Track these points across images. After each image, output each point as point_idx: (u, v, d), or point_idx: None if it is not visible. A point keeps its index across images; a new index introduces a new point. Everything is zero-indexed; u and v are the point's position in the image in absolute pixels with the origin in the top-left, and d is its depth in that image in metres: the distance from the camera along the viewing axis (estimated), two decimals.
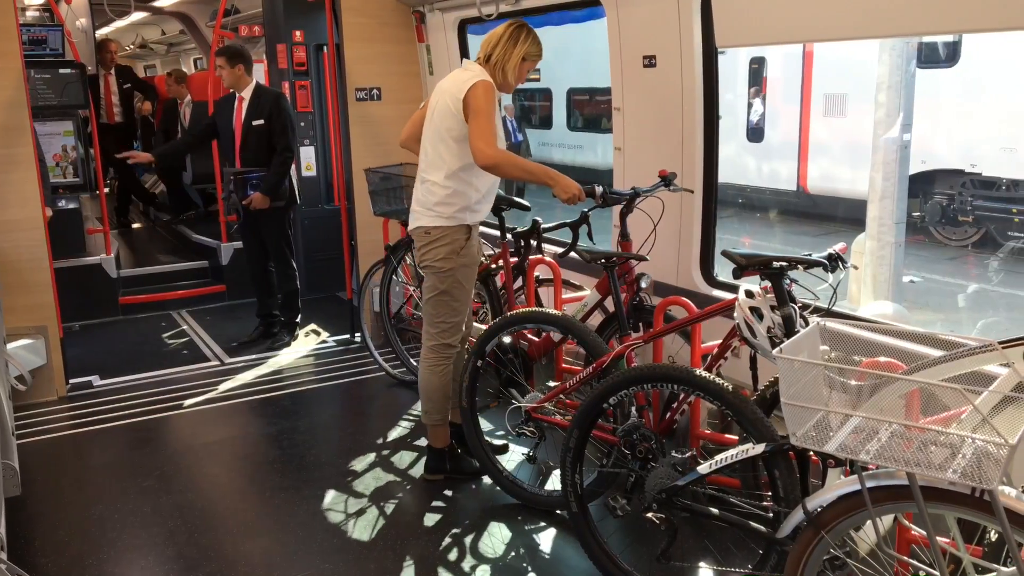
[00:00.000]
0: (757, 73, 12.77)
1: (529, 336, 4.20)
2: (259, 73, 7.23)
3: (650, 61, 4.33)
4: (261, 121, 5.79)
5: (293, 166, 6.16)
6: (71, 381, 5.39)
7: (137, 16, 12.47)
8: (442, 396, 3.95)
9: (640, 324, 3.92)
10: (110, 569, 3.38)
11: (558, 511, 3.72)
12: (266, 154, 5.82)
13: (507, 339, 4.00)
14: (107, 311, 6.86)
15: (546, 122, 16.68)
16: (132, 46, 16.43)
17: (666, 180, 4.07)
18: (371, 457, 4.37)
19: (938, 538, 2.09)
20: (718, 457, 2.74)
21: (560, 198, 3.59)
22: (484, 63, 3.70)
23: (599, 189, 3.79)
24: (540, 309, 3.92)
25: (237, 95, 5.88)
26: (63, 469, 4.32)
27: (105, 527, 3.69)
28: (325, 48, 7.05)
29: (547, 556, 3.45)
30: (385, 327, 5.43)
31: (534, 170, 3.64)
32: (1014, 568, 2.02)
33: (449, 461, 4.08)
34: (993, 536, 2.29)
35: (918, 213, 10.73)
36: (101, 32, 11.76)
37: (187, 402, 5.12)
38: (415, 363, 4.93)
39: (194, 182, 9.12)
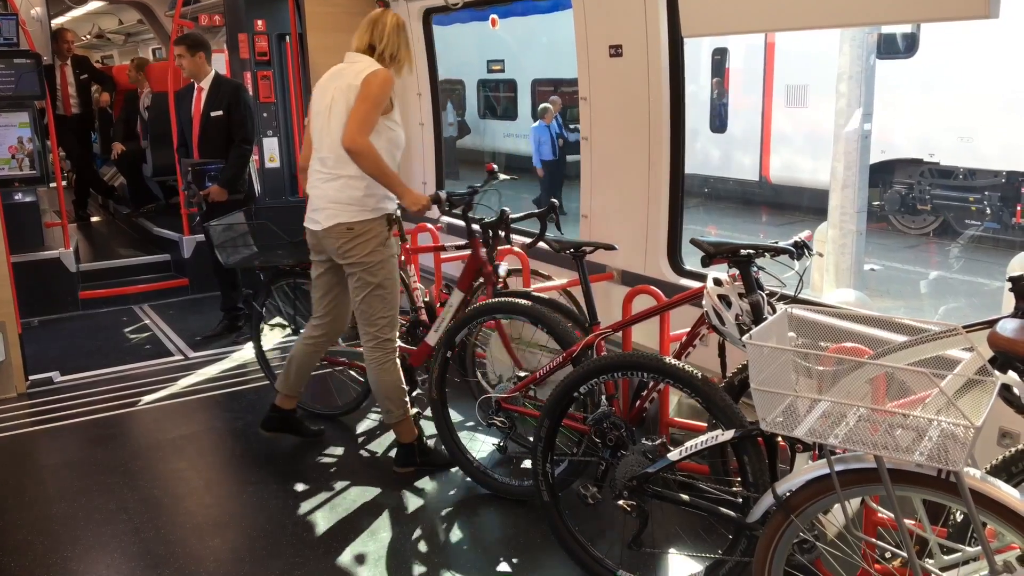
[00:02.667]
0: (720, 64, 12.86)
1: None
2: (220, 63, 7.12)
3: (616, 51, 4.34)
4: (220, 112, 5.71)
5: (254, 158, 6.09)
6: (31, 378, 5.28)
7: (94, 5, 12.21)
8: (398, 392, 3.92)
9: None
10: (75, 567, 3.32)
11: (529, 500, 3.73)
12: (225, 146, 5.75)
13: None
14: (66, 306, 6.74)
15: (510, 113, 16.68)
16: (89, 36, 16.11)
17: (492, 174, 4.42)
18: (340, 450, 4.34)
19: (905, 520, 2.12)
20: (688, 444, 2.76)
21: (410, 209, 3.74)
22: (370, 53, 3.66)
23: (443, 194, 3.92)
24: (509, 299, 3.91)
25: (196, 85, 5.79)
26: (24, 467, 4.24)
27: (69, 525, 3.62)
28: (288, 38, 6.96)
29: (518, 545, 3.45)
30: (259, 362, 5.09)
31: (390, 175, 3.63)
32: (979, 548, 2.05)
33: (419, 454, 4.06)
34: (958, 517, 2.33)
35: (878, 202, 10.91)
36: (57, 21, 11.52)
37: (150, 397, 5.05)
38: None
39: (154, 174, 8.97)
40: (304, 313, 4.74)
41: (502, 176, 4.45)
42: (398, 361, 3.93)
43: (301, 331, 4.36)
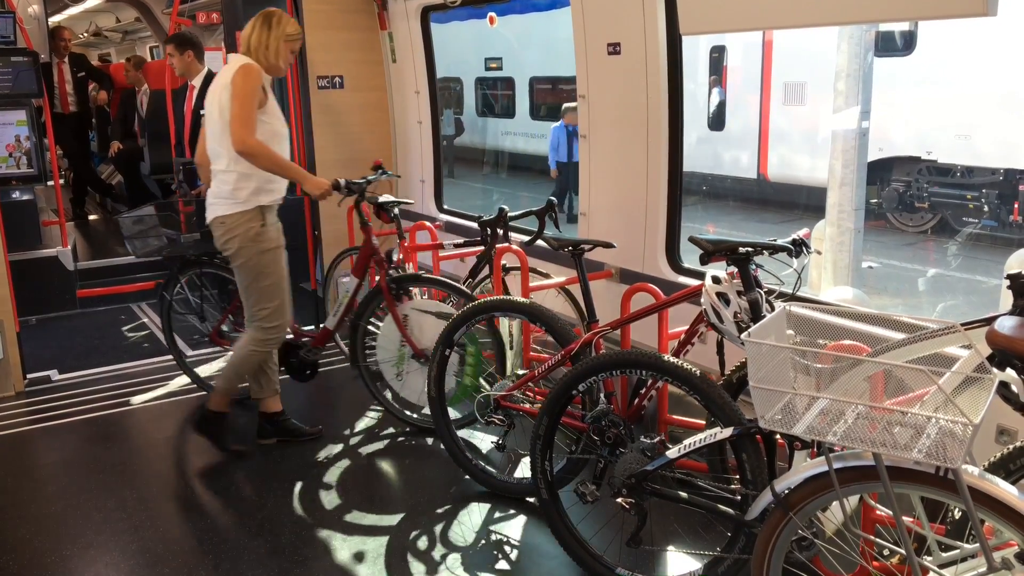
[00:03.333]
0: (718, 62, 12.86)
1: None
2: (218, 61, 7.11)
3: (614, 48, 4.34)
4: None
5: None
6: (29, 376, 5.27)
7: (91, 3, 12.20)
8: (238, 373, 4.16)
9: (401, 294, 4.34)
10: (73, 565, 3.32)
11: (528, 498, 3.73)
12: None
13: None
14: (64, 304, 6.73)
15: (508, 111, 16.66)
16: (86, 34, 16.09)
17: (378, 168, 4.75)
18: (338, 447, 4.34)
19: (903, 517, 2.13)
20: (686, 441, 2.77)
21: (312, 194, 3.93)
22: (246, 53, 3.85)
23: (342, 181, 4.15)
24: (507, 297, 3.91)
25: (189, 84, 5.77)
26: (22, 465, 4.23)
27: (67, 523, 3.62)
28: None
29: (518, 543, 3.46)
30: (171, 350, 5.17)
31: (287, 167, 3.83)
32: (977, 545, 2.06)
33: (279, 425, 4.33)
34: (957, 514, 2.33)
35: (876, 200, 10.91)
36: (54, 19, 11.50)
37: (148, 396, 5.04)
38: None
39: (152, 173, 8.96)
40: (213, 302, 4.97)
41: (390, 172, 4.90)
42: (275, 352, 4.22)
43: (205, 320, 4.84)
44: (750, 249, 2.96)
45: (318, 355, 4.71)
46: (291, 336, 4.60)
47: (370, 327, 4.66)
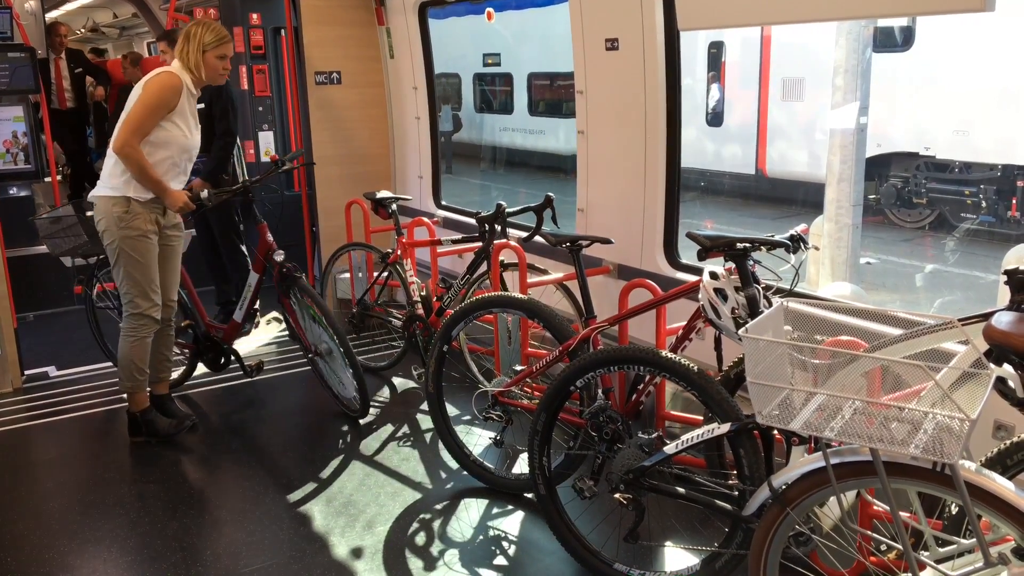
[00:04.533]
0: (716, 58, 12.85)
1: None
2: None
3: (612, 44, 4.33)
4: (201, 106, 5.64)
5: (245, 151, 6.05)
6: (26, 372, 5.28)
7: None
8: (130, 365, 4.23)
9: (290, 291, 4.50)
10: (72, 561, 3.32)
11: (526, 494, 3.73)
12: (208, 139, 5.68)
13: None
14: (62, 301, 6.72)
15: (506, 107, 16.65)
16: (83, 29, 16.06)
17: (276, 164, 4.73)
18: (337, 444, 4.34)
19: (900, 512, 2.13)
20: (684, 437, 2.77)
21: (172, 210, 4.16)
22: (183, 68, 4.07)
23: (204, 193, 4.21)
24: (505, 293, 3.91)
25: None
26: (20, 462, 4.24)
27: (65, 519, 3.62)
28: (283, 31, 6.95)
29: (515, 539, 3.46)
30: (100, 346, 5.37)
31: (149, 179, 4.00)
32: (974, 540, 2.06)
33: (145, 425, 4.35)
34: (954, 509, 2.33)
35: (874, 196, 10.91)
36: (51, 15, 11.48)
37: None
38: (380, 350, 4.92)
39: None
40: None
41: (287, 166, 4.87)
42: (145, 340, 4.22)
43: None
44: (747, 245, 2.96)
45: (231, 346, 4.88)
46: (204, 329, 4.86)
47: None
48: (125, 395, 4.38)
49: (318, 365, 4.65)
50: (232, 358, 4.93)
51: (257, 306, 6.23)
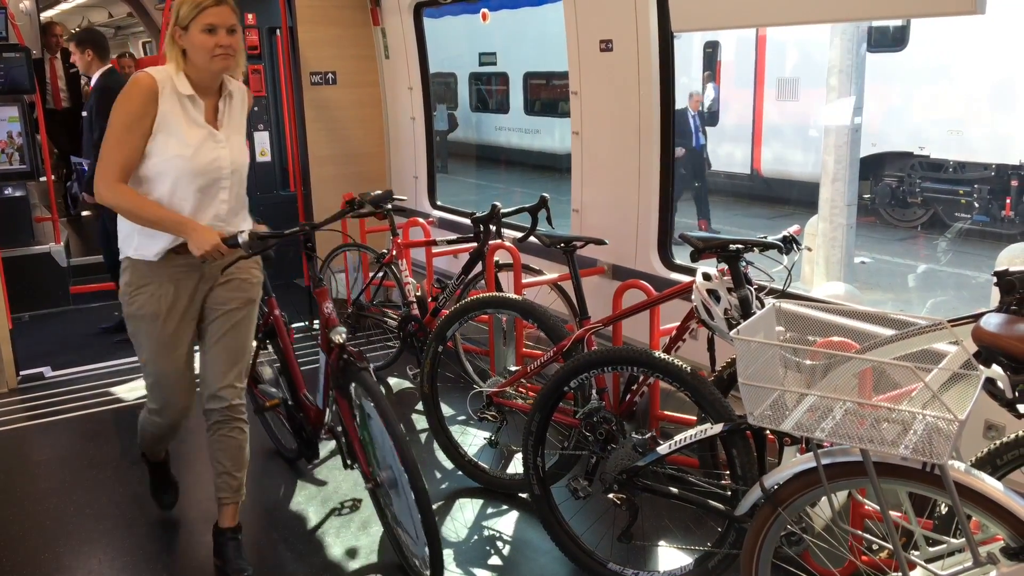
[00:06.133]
0: (711, 57, 12.87)
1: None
2: None
3: (607, 45, 4.35)
4: (85, 114, 5.55)
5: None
6: (22, 373, 5.27)
7: None
8: (144, 442, 3.44)
9: (349, 387, 3.25)
10: (67, 563, 3.33)
11: (520, 494, 3.75)
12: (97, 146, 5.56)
13: None
14: (57, 301, 6.73)
15: (503, 106, 16.66)
16: (78, 29, 16.04)
17: (352, 205, 3.63)
18: (331, 445, 4.34)
19: (891, 512, 2.15)
20: (677, 437, 2.79)
21: (196, 255, 2.76)
22: (172, 64, 2.84)
23: (243, 237, 2.81)
24: (500, 294, 3.93)
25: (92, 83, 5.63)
26: (15, 462, 4.24)
27: (61, 520, 3.63)
28: (278, 31, 6.95)
29: (510, 538, 3.47)
30: None
31: (159, 219, 2.79)
32: (963, 540, 2.08)
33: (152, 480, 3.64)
34: (943, 509, 2.35)
35: (869, 195, 10.94)
36: (46, 14, 11.46)
37: (141, 392, 5.02)
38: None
39: None
40: None
41: (367, 210, 3.84)
42: (161, 434, 3.31)
43: None
44: (740, 247, 2.98)
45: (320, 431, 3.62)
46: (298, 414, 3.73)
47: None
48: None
49: (379, 500, 3.23)
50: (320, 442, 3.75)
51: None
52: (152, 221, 2.80)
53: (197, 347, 3.16)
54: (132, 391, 5.05)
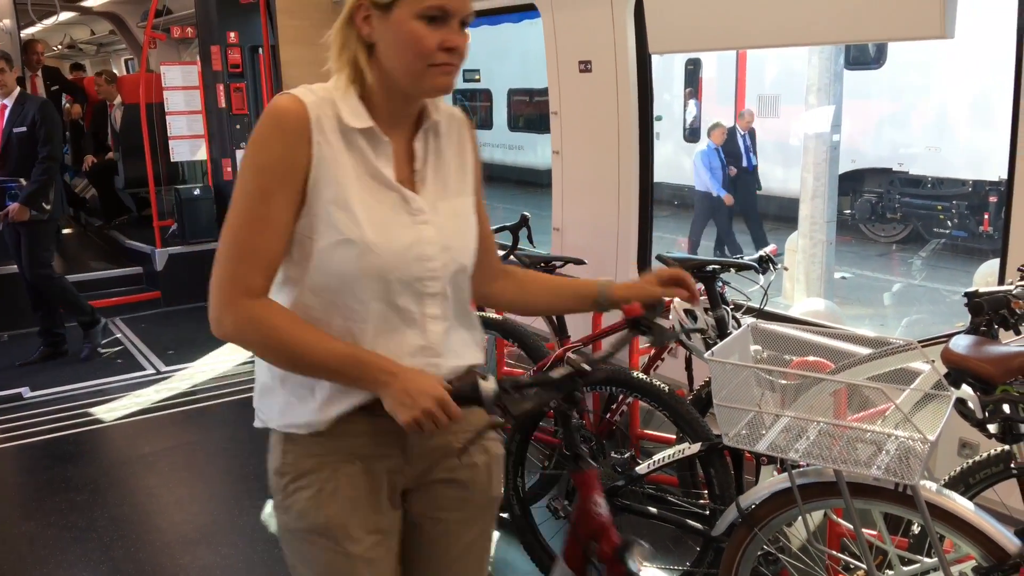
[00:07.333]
0: (693, 74, 12.98)
1: None
2: (192, 75, 7.12)
3: (586, 66, 4.39)
4: (23, 128, 5.52)
5: (223, 169, 6.00)
6: (0, 393, 5.23)
7: (66, 15, 12.14)
8: None
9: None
10: None
11: (501, 514, 3.74)
12: (30, 163, 5.49)
13: None
14: (38, 320, 6.66)
15: (486, 122, 16.72)
16: (60, 46, 15.99)
17: (635, 323, 2.02)
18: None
19: (865, 531, 2.16)
20: (656, 457, 2.80)
21: (400, 420, 1.51)
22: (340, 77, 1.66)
23: (486, 387, 1.56)
24: (480, 313, 3.93)
25: (1, 102, 5.63)
26: None
27: (36, 544, 3.59)
28: (260, 50, 6.97)
29: (490, 559, 3.46)
30: None
31: (330, 358, 1.54)
32: (936, 559, 2.10)
33: None
34: (917, 529, 2.37)
35: (849, 211, 11.04)
36: (27, 32, 11.43)
37: (121, 412, 5.01)
38: None
39: (126, 186, 8.92)
40: None
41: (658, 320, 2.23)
42: None
43: None
44: (716, 266, 3.01)
45: None
46: None
47: None
48: None
49: None
50: None
51: (96, 317, 5.98)
52: (312, 364, 1.54)
53: None
54: (111, 411, 5.02)
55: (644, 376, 2.95)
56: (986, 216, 9.98)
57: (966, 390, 2.18)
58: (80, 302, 5.96)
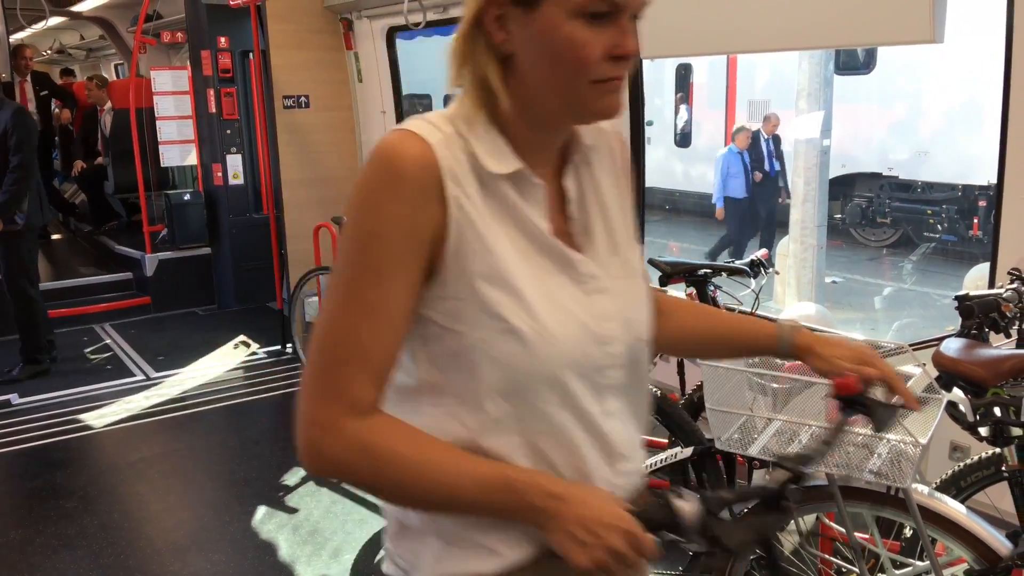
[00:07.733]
0: (684, 79, 13.02)
1: None
2: (183, 80, 7.10)
3: None
4: None
5: (213, 174, 5.96)
6: None
7: (55, 20, 12.11)
8: None
9: None
10: None
11: None
12: (2, 173, 5.30)
13: None
14: None
15: None
16: (50, 51, 15.94)
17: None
18: (303, 472, 4.32)
19: (857, 535, 2.17)
20: (648, 461, 2.80)
21: (577, 562, 1.10)
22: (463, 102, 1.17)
23: (688, 509, 1.13)
24: None
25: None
26: None
27: (26, 552, 3.57)
28: (251, 55, 6.95)
29: None
30: None
31: (480, 490, 1.11)
32: (928, 562, 2.10)
33: None
34: (908, 532, 2.37)
35: (839, 215, 11.09)
36: (16, 37, 11.39)
37: (111, 419, 4.98)
38: None
39: (116, 192, 8.89)
40: None
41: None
42: None
43: None
44: (708, 270, 3.01)
45: None
46: None
47: None
48: None
49: None
50: None
51: (45, 360, 5.72)
52: (446, 499, 1.13)
53: None
54: (101, 418, 4.99)
55: None
56: (975, 220, 10.03)
57: (957, 393, 2.20)
58: (41, 335, 5.73)
